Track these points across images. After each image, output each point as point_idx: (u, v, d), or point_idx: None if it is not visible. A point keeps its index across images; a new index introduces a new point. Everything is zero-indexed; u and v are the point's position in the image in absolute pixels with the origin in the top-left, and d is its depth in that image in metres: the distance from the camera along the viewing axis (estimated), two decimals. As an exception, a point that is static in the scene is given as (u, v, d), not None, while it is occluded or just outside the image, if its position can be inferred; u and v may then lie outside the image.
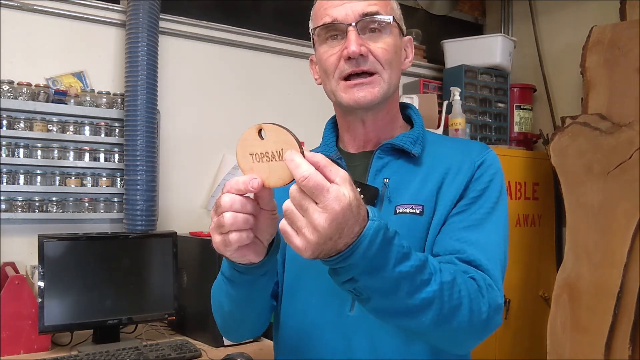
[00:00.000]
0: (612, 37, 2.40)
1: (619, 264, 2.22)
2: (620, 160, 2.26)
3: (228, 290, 0.87)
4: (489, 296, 0.84)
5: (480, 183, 0.97)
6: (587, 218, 2.34)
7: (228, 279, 0.84)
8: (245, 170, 0.74)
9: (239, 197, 0.72)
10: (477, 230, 0.93)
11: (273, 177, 0.71)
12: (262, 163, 0.72)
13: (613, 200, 2.27)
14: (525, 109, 2.93)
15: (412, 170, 1.00)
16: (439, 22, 3.16)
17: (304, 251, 0.66)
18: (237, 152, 0.74)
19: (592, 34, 2.47)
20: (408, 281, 0.74)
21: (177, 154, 2.31)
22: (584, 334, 2.28)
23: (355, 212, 0.66)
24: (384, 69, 0.97)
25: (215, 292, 0.99)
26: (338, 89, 0.99)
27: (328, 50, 0.99)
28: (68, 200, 2.02)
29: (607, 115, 2.35)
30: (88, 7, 2.12)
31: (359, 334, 0.94)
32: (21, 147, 1.94)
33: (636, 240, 2.20)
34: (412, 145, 1.01)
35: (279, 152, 0.70)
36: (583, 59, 2.48)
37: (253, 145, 0.72)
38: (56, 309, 1.69)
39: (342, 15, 0.96)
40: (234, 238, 0.72)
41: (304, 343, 0.98)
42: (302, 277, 1.00)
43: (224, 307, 0.94)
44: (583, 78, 2.48)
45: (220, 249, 0.75)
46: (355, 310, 0.95)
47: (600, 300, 2.25)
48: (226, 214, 0.71)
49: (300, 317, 0.99)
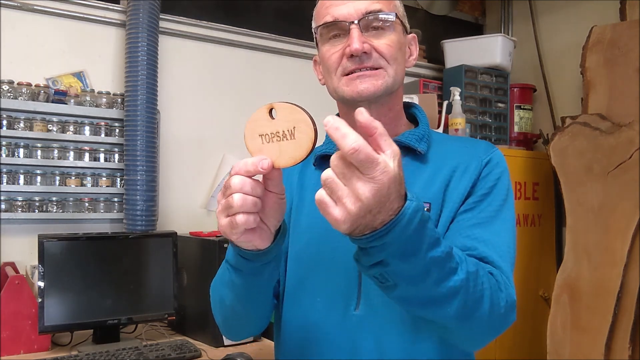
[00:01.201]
0: (612, 37, 2.40)
1: (619, 264, 2.22)
2: (620, 160, 2.26)
3: (232, 280, 0.84)
4: (506, 292, 0.84)
5: (488, 181, 0.97)
6: (587, 218, 2.34)
7: (233, 266, 0.82)
8: (253, 152, 0.73)
9: (248, 179, 0.70)
10: (487, 227, 0.92)
11: (284, 157, 0.70)
12: (272, 143, 0.71)
13: (613, 200, 2.27)
14: (525, 109, 2.93)
15: (418, 167, 1.00)
16: (439, 22, 3.16)
17: (342, 223, 0.63)
18: (245, 135, 0.73)
19: (592, 34, 2.47)
20: (438, 268, 0.72)
21: (177, 153, 2.31)
22: (584, 334, 2.28)
23: (398, 187, 0.64)
24: (388, 64, 0.96)
25: (216, 286, 0.97)
26: (340, 84, 0.98)
27: (330, 48, 0.98)
28: (68, 200, 2.02)
29: (607, 115, 2.35)
30: (88, 7, 2.12)
31: (365, 334, 0.94)
32: (21, 147, 1.94)
33: (636, 240, 2.20)
34: (418, 143, 1.00)
35: (291, 131, 0.69)
36: (583, 59, 2.48)
37: (263, 126, 0.71)
38: (56, 309, 1.69)
39: (344, 14, 0.95)
40: (241, 220, 0.71)
41: (309, 343, 0.97)
42: (306, 276, 0.99)
43: (225, 301, 0.92)
44: (583, 78, 2.48)
45: (226, 232, 0.74)
46: (360, 309, 0.94)
47: (600, 300, 2.25)
48: (235, 195, 0.70)
49: (304, 317, 0.99)
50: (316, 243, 0.98)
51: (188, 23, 2.34)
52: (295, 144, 0.68)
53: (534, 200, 2.74)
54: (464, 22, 3.28)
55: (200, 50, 2.39)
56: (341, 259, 0.96)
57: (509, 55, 2.88)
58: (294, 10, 2.58)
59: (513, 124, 2.92)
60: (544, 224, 2.78)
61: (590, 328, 2.26)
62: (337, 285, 0.96)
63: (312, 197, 0.73)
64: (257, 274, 0.82)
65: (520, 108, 2.92)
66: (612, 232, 2.26)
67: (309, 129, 0.69)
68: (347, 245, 0.96)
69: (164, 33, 2.24)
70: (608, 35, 2.41)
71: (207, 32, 2.39)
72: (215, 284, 0.99)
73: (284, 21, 2.58)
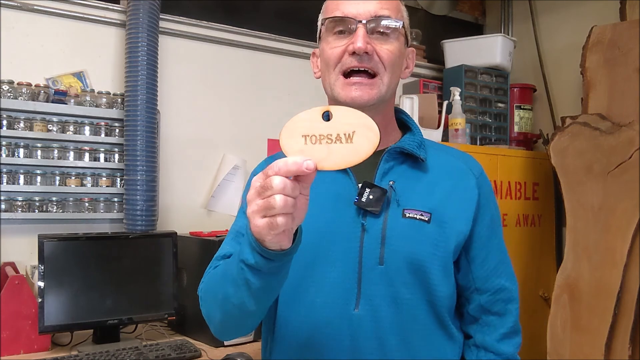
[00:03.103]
0: (612, 37, 2.39)
1: (619, 264, 2.22)
2: (620, 160, 2.26)
3: (247, 279, 0.82)
4: (518, 338, 1.15)
5: (489, 201, 1.08)
6: (587, 218, 2.34)
7: (251, 266, 0.80)
8: (290, 152, 0.72)
9: (289, 181, 0.70)
10: (505, 258, 1.10)
11: (331, 159, 0.70)
12: (319, 145, 0.70)
13: (613, 200, 2.27)
14: (525, 109, 2.93)
15: (417, 174, 1.02)
16: (439, 22, 3.16)
17: None
18: (282, 134, 0.72)
19: (592, 34, 2.47)
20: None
21: (177, 154, 2.31)
22: (584, 334, 2.28)
23: None
24: (385, 71, 0.98)
25: (216, 284, 0.94)
26: (337, 84, 0.99)
27: (333, 42, 1.00)
28: (68, 200, 2.02)
29: (607, 115, 2.35)
30: (88, 7, 2.12)
31: (366, 333, 0.95)
32: (21, 147, 1.94)
33: (636, 240, 2.20)
34: (419, 150, 1.03)
35: (348, 135, 0.69)
36: (583, 59, 2.48)
37: (311, 127, 0.71)
38: (56, 309, 1.69)
39: (354, 12, 0.97)
40: (282, 221, 0.71)
41: (309, 342, 0.98)
42: (305, 276, 0.99)
43: (232, 300, 0.88)
44: (583, 78, 2.48)
45: (262, 232, 0.73)
46: (360, 308, 0.95)
47: (600, 300, 2.25)
48: (277, 197, 0.69)
49: (304, 317, 0.99)
50: (315, 243, 0.98)
51: (188, 23, 2.34)
52: (351, 147, 0.69)
53: (534, 200, 2.74)
54: (464, 22, 3.28)
55: (200, 50, 2.38)
56: (340, 259, 0.98)
57: (509, 55, 2.88)
58: (294, 10, 2.58)
59: (513, 124, 2.92)
60: (544, 224, 2.78)
61: (590, 328, 2.26)
62: (337, 284, 0.97)
63: (310, 196, 0.75)
64: (277, 272, 0.82)
65: (520, 108, 2.92)
66: (612, 232, 2.26)
67: (373, 135, 0.69)
68: (346, 245, 0.98)
69: (164, 33, 2.24)
70: (608, 35, 2.41)
71: (207, 32, 2.39)
72: (213, 282, 0.97)
73: (284, 21, 2.57)
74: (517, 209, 2.65)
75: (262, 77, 2.53)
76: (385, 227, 0.97)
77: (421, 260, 0.97)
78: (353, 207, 0.99)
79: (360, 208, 0.98)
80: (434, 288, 0.98)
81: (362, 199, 0.97)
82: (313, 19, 1.08)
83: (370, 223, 0.98)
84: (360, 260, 0.97)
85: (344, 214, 0.99)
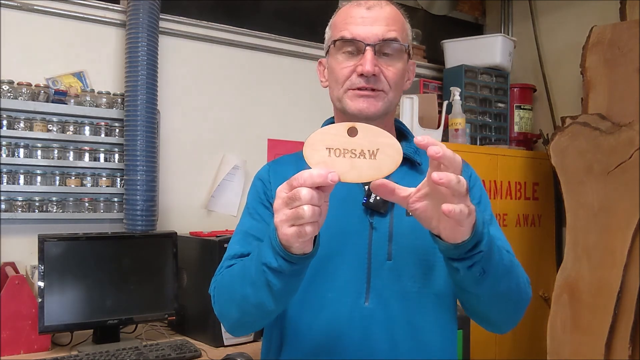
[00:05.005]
0: (612, 37, 2.40)
1: (619, 263, 2.22)
2: (620, 160, 2.26)
3: (269, 280, 0.87)
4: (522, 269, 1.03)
5: (477, 190, 1.13)
6: (587, 218, 2.34)
7: (274, 269, 0.85)
8: (314, 163, 0.75)
9: (315, 192, 0.74)
10: (494, 226, 1.08)
11: (354, 172, 0.74)
12: (342, 158, 0.74)
13: (613, 200, 2.27)
14: (525, 109, 2.93)
15: (415, 176, 1.09)
16: (439, 22, 3.16)
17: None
18: (307, 144, 0.76)
19: (592, 34, 2.47)
20: (496, 247, 0.87)
21: (177, 153, 2.31)
22: (584, 334, 2.28)
23: None
24: (390, 89, 1.06)
25: (234, 283, 0.97)
26: (345, 96, 1.07)
27: (343, 62, 1.06)
28: (68, 200, 2.02)
29: (607, 115, 2.35)
30: (88, 7, 2.12)
31: (376, 326, 1.00)
32: (21, 147, 1.94)
33: (636, 240, 2.20)
34: (415, 155, 1.11)
35: (372, 152, 0.74)
36: (583, 59, 2.48)
37: (337, 141, 0.75)
38: (56, 309, 1.69)
39: (362, 35, 1.03)
40: (310, 230, 0.75)
41: (321, 337, 1.02)
42: (318, 274, 1.02)
43: (250, 300, 0.92)
44: (583, 78, 2.48)
45: (290, 240, 0.77)
46: (370, 302, 1.01)
47: (600, 300, 2.25)
48: (305, 207, 0.74)
49: (316, 312, 1.03)
50: (327, 242, 1.00)
51: (188, 23, 2.34)
52: (374, 164, 0.73)
53: (534, 200, 2.74)
54: (463, 22, 3.28)
55: (200, 50, 2.38)
56: (350, 256, 1.03)
57: (509, 55, 2.88)
58: (294, 10, 2.58)
59: (513, 124, 2.92)
60: (544, 224, 2.78)
61: (590, 328, 2.26)
62: (347, 280, 1.03)
63: None
64: (298, 274, 0.87)
65: (520, 108, 2.92)
66: (612, 232, 2.26)
67: (396, 154, 0.75)
68: (356, 242, 1.03)
69: (164, 33, 2.24)
70: (608, 35, 2.41)
71: (207, 32, 2.39)
72: (228, 282, 1.00)
73: (284, 21, 2.57)
74: (517, 209, 2.65)
75: (262, 77, 2.53)
76: (391, 225, 1.04)
77: (426, 255, 1.04)
78: (360, 207, 1.05)
79: (368, 208, 1.05)
80: (439, 280, 1.04)
81: (370, 200, 1.04)
82: (313, 19, 1.10)
83: (378, 222, 1.05)
84: (369, 256, 1.03)
85: (352, 213, 1.06)
